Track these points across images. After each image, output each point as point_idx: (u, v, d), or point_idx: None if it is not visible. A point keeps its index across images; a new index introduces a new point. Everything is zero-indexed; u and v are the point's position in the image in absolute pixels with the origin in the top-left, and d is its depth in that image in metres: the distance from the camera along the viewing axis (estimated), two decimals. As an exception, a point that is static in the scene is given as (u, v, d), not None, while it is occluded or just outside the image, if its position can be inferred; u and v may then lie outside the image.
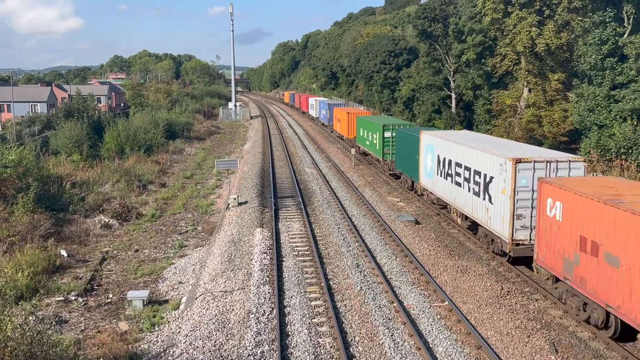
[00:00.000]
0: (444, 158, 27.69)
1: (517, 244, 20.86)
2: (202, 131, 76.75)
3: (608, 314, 15.63)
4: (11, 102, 76.29)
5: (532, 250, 19.54)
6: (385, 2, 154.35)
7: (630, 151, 32.15)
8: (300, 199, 33.14)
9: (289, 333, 16.50)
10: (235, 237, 25.89)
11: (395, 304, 18.36)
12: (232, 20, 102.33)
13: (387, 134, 40.37)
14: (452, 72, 58.50)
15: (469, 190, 24.61)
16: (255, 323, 16.88)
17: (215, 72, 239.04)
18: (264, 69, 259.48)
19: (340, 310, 18.05)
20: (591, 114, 36.18)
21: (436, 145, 29.06)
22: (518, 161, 20.48)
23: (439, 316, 17.69)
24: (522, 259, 21.27)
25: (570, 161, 20.95)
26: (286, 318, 17.46)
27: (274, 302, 18.41)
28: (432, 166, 29.74)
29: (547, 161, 20.71)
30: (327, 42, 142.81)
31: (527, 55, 43.61)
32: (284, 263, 22.45)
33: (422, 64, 66.58)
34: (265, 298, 18.76)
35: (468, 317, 17.56)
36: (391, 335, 16.30)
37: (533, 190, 20.18)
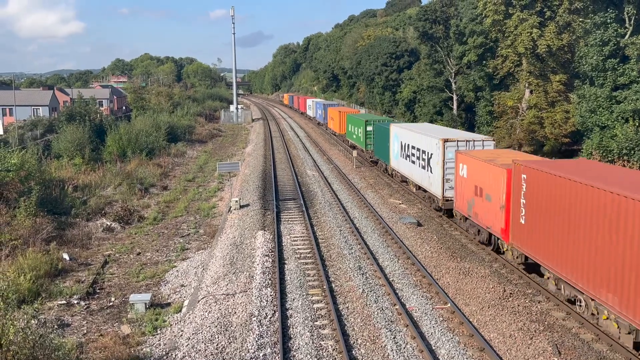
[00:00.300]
0: (405, 143, 35.04)
1: (447, 200, 28.29)
2: (204, 134, 76.79)
3: (490, 234, 23.10)
4: (13, 105, 76.48)
5: None
6: (386, 4, 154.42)
7: (632, 152, 32.08)
8: (302, 202, 33.13)
9: (292, 336, 16.48)
10: (237, 239, 25.89)
11: (397, 306, 18.32)
12: (234, 23, 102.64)
13: (369, 128, 47.03)
14: (453, 74, 58.51)
15: (419, 166, 32.10)
16: (258, 326, 16.86)
17: (217, 75, 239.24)
18: (266, 71, 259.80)
19: (342, 313, 18.03)
20: (593, 115, 36.12)
21: (400, 134, 36.32)
22: (446, 140, 28.00)
23: (441, 318, 17.65)
24: (450, 211, 28.21)
25: (483, 140, 28.59)
26: (288, 321, 17.44)
27: (276, 305, 18.39)
28: (397, 151, 37.19)
29: (466, 140, 28.32)
30: (328, 45, 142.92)
31: (529, 57, 43.60)
32: (286, 266, 22.43)
33: (424, 65, 66.63)
34: (267, 301, 18.74)
35: (471, 319, 17.52)
36: (394, 338, 16.26)
37: None
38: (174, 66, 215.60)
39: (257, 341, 15.92)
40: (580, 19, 40.39)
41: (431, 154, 29.70)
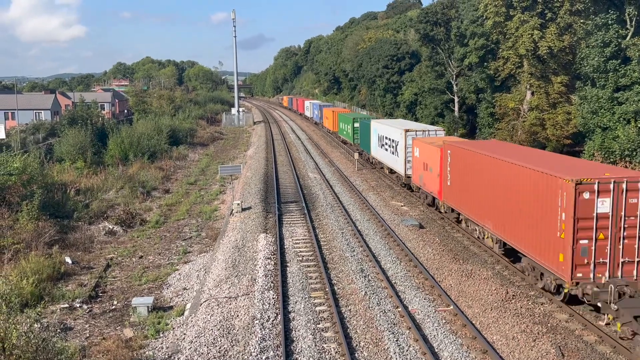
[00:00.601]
0: (381, 135, 42.62)
1: (408, 177, 35.89)
2: (206, 137, 76.88)
3: (433, 197, 30.80)
4: (15, 109, 76.60)
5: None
6: (387, 6, 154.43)
7: (634, 153, 32.03)
8: (303, 204, 33.13)
9: (294, 339, 16.46)
10: (239, 242, 25.89)
11: (400, 309, 18.30)
12: (235, 26, 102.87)
13: (356, 125, 54.59)
14: (454, 76, 58.50)
15: (390, 152, 39.64)
16: (260, 329, 16.85)
17: (218, 78, 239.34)
18: (267, 74, 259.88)
19: (344, 316, 18.01)
20: (595, 116, 36.07)
21: (377, 128, 43.88)
22: (407, 130, 35.66)
23: (444, 320, 17.62)
24: (409, 185, 36.13)
25: (436, 130, 36.72)
26: (291, 324, 17.43)
27: (279, 308, 18.38)
28: (376, 142, 44.64)
29: (423, 130, 36.05)
30: (329, 47, 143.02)
31: (530, 58, 43.57)
32: (288, 268, 22.42)
33: (425, 67, 66.63)
34: (269, 304, 18.73)
35: (473, 322, 17.49)
36: (396, 340, 16.24)
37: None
38: (176, 69, 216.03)
39: (259, 344, 15.91)
40: (581, 21, 40.33)
41: (398, 142, 37.13)
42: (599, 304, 16.75)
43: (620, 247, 17.06)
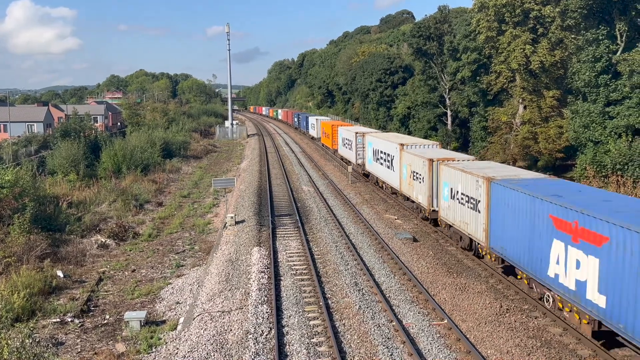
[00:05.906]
0: (277, 111, 67.33)
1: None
2: (199, 150, 76.84)
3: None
4: (8, 122, 76.37)
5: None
6: (380, 20, 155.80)
7: (626, 167, 32.26)
8: (297, 217, 33.08)
9: (288, 353, 16.36)
10: (233, 256, 25.78)
11: (394, 323, 18.24)
12: (229, 40, 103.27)
13: (275, 112, 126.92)
14: (447, 90, 58.91)
15: (278, 117, 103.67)
16: (254, 343, 16.74)
17: (212, 91, 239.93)
18: (261, 87, 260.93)
19: (339, 330, 17.93)
20: (586, 130, 36.38)
21: (278, 111, 79.94)
22: (272, 108, 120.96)
23: (438, 335, 17.57)
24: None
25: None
26: (285, 338, 17.33)
27: (272, 322, 18.28)
28: (278, 115, 79.32)
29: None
30: (323, 61, 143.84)
31: (522, 73, 43.98)
32: (282, 282, 22.33)
33: (418, 81, 67.13)
34: (263, 318, 18.62)
35: (467, 336, 17.45)
36: (390, 355, 16.17)
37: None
38: (169, 82, 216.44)
39: (253, 359, 15.79)
40: (573, 36, 40.83)
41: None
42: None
43: None
